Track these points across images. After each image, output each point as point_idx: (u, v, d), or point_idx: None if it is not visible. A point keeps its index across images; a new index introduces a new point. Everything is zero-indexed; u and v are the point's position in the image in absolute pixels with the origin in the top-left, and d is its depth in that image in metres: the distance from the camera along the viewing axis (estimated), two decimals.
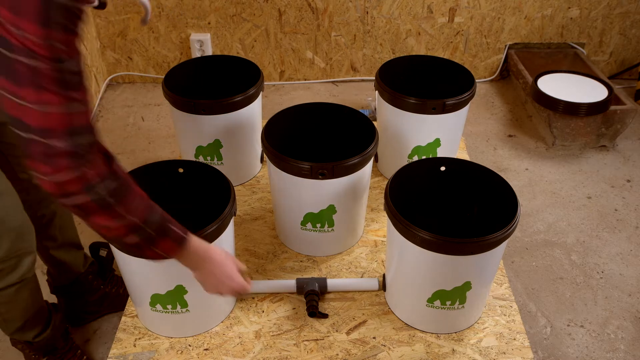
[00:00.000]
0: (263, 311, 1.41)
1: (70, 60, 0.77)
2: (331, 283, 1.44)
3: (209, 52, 2.57)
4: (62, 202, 0.86)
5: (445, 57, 2.27)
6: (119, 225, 0.91)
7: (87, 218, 0.89)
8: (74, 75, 0.78)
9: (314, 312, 1.36)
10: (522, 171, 2.10)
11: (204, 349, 1.32)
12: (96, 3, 0.84)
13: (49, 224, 1.37)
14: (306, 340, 1.34)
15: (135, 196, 0.93)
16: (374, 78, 1.80)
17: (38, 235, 1.35)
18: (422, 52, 2.61)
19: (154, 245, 0.98)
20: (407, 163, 1.40)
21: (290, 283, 1.44)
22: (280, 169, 1.42)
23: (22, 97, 0.74)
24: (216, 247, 1.14)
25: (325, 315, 1.38)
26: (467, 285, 1.26)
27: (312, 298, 1.38)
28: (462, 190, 1.43)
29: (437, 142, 1.72)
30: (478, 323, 1.38)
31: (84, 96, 0.81)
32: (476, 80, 1.77)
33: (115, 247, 1.02)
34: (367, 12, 2.50)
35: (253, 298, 1.44)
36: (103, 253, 1.51)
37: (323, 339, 1.34)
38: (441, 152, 1.75)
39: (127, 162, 2.14)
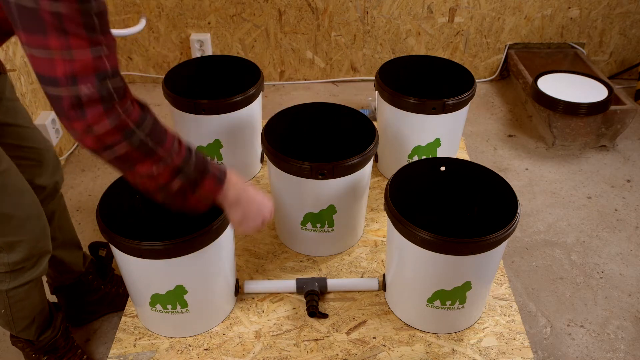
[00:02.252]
0: (263, 311, 1.41)
1: (94, 1, 0.76)
2: (331, 283, 1.44)
3: (209, 52, 2.57)
4: (105, 156, 0.86)
5: (445, 57, 2.27)
6: (163, 169, 0.90)
7: (131, 169, 0.89)
8: (98, 17, 0.77)
9: (314, 312, 1.36)
10: (522, 171, 2.10)
11: (204, 349, 1.32)
12: None
13: (49, 223, 1.37)
14: (306, 340, 1.34)
15: (171, 136, 0.93)
16: (374, 78, 1.80)
17: None
18: (422, 52, 2.61)
19: (198, 186, 0.96)
20: (407, 163, 1.40)
21: (290, 283, 1.44)
22: (280, 169, 1.42)
23: (47, 46, 0.74)
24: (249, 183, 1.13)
25: (325, 315, 1.38)
26: (467, 285, 1.26)
27: (312, 298, 1.39)
28: (462, 190, 1.43)
29: (437, 142, 1.72)
30: (478, 323, 1.38)
31: (110, 40, 0.80)
32: (476, 80, 1.77)
33: (160, 200, 0.98)
34: (367, 12, 2.50)
35: (253, 298, 1.44)
36: (102, 253, 1.51)
37: (323, 339, 1.34)
38: (441, 152, 1.75)
39: None
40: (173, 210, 1.01)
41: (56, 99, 0.79)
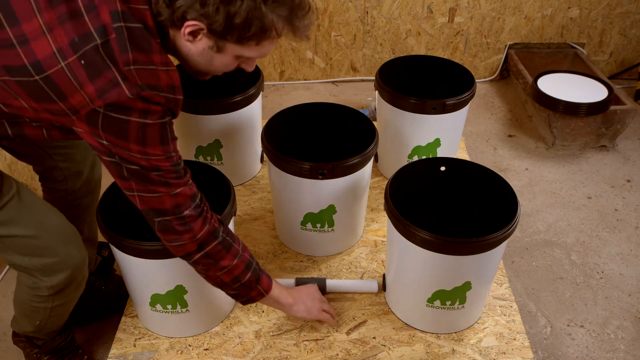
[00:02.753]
0: (263, 311, 1.41)
1: (178, 159, 1.03)
2: (330, 284, 1.44)
3: None
4: (198, 257, 1.09)
5: (445, 57, 2.27)
6: (238, 262, 1.13)
7: (216, 265, 1.10)
8: (183, 169, 1.05)
9: None
10: (522, 171, 2.10)
11: (204, 349, 1.32)
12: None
13: (81, 216, 1.38)
14: (306, 340, 1.34)
15: (236, 237, 1.16)
16: (374, 78, 1.80)
17: None
18: (422, 52, 2.61)
19: (259, 282, 1.18)
20: (407, 163, 1.41)
21: (289, 282, 1.44)
22: (280, 169, 1.42)
23: (156, 191, 1.01)
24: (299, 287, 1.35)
25: None
26: (467, 285, 1.26)
27: None
28: (462, 190, 1.43)
29: (437, 142, 1.72)
30: (478, 323, 1.38)
31: (189, 176, 1.07)
32: (476, 80, 1.77)
33: (230, 292, 1.18)
34: (367, 12, 2.50)
35: None
36: (104, 253, 1.51)
37: (323, 339, 1.34)
38: (441, 152, 1.75)
39: None
40: (240, 302, 1.23)
41: (164, 223, 1.04)
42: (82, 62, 0.88)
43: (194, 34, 0.94)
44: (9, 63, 0.89)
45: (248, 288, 1.17)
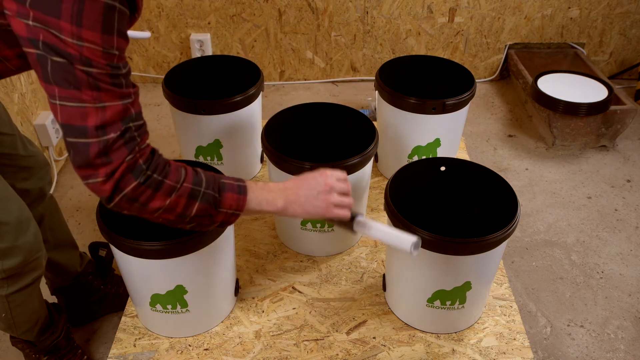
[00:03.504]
0: (263, 311, 1.41)
1: (122, 64, 0.85)
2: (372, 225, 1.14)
3: (209, 52, 2.57)
4: (119, 201, 0.88)
5: (445, 57, 2.27)
6: (175, 199, 0.92)
7: (146, 207, 0.91)
8: (125, 77, 0.86)
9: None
10: (522, 171, 2.10)
11: (204, 349, 1.32)
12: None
13: (39, 226, 1.37)
14: (306, 340, 1.34)
15: (176, 165, 0.95)
16: (374, 78, 1.80)
17: None
18: (422, 52, 2.61)
19: (220, 204, 0.97)
20: (407, 163, 1.40)
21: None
22: (280, 169, 1.42)
23: (81, 100, 0.81)
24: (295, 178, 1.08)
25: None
26: (467, 285, 1.26)
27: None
28: (462, 190, 1.43)
29: (437, 142, 1.72)
30: (478, 323, 1.38)
31: (134, 90, 0.88)
32: (476, 80, 1.77)
33: (189, 227, 0.99)
34: (367, 12, 2.50)
35: (253, 298, 1.44)
36: (102, 253, 1.51)
37: (323, 339, 1.34)
38: (441, 152, 1.75)
39: None
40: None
41: (82, 147, 0.84)
42: None
43: None
44: None
45: (207, 217, 0.97)
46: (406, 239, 1.07)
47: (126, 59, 0.87)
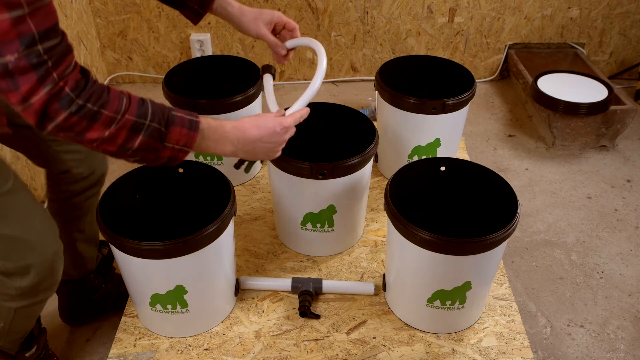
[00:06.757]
0: (263, 311, 1.41)
1: None
2: (326, 284, 1.44)
3: (209, 52, 2.57)
4: (50, 130, 0.81)
5: (445, 57, 2.27)
6: (116, 130, 0.85)
7: (82, 139, 0.84)
8: None
9: (305, 313, 1.36)
10: (522, 171, 2.10)
11: (204, 349, 1.32)
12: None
13: (84, 217, 1.37)
14: (306, 340, 1.34)
15: (116, 94, 0.87)
16: (374, 78, 1.80)
17: (69, 226, 1.34)
18: (422, 52, 2.61)
19: (166, 139, 0.91)
20: (407, 163, 1.40)
21: (286, 282, 1.44)
22: (280, 169, 1.42)
23: None
24: (244, 119, 1.04)
25: (317, 316, 1.38)
26: (467, 285, 1.26)
27: (305, 298, 1.38)
28: (462, 190, 1.43)
29: (437, 142, 1.72)
30: (478, 323, 1.38)
31: (35, 8, 0.74)
32: (476, 80, 1.77)
33: (132, 160, 0.94)
34: (367, 12, 2.50)
35: (253, 298, 1.44)
36: (104, 251, 1.51)
37: (323, 339, 1.34)
38: (441, 152, 1.75)
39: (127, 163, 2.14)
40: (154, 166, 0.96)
41: None
42: None
43: None
44: None
45: (151, 151, 0.91)
46: None
47: None
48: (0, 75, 0.74)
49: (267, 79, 1.36)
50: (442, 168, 1.42)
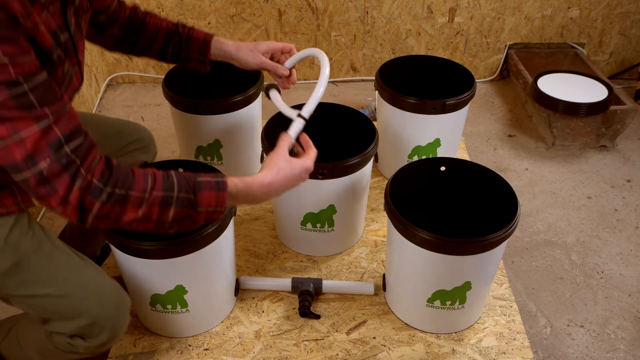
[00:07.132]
0: (263, 311, 1.41)
1: (22, 77, 0.76)
2: (327, 284, 1.44)
3: None
4: (91, 222, 0.86)
5: (445, 57, 2.27)
6: (148, 208, 0.88)
7: (120, 222, 0.88)
8: (33, 92, 0.77)
9: (305, 313, 1.36)
10: (522, 171, 2.10)
11: (204, 349, 1.32)
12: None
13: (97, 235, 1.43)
14: (306, 340, 1.34)
15: (140, 174, 0.90)
16: (374, 78, 1.80)
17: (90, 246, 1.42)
18: (422, 52, 2.61)
19: (197, 205, 0.93)
20: (407, 163, 1.40)
21: (286, 282, 1.44)
22: None
23: None
24: (270, 168, 1.06)
25: (317, 317, 1.38)
26: (467, 285, 1.26)
27: (305, 298, 1.39)
28: (462, 190, 1.43)
29: (437, 142, 1.72)
30: (478, 323, 1.38)
31: (56, 107, 0.80)
32: (476, 80, 1.76)
33: (172, 232, 0.97)
34: (367, 12, 2.50)
35: (253, 298, 1.44)
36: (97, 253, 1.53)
37: (323, 339, 1.34)
38: (441, 152, 1.75)
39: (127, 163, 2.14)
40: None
41: (24, 183, 0.81)
42: None
43: None
44: None
45: (187, 219, 0.94)
46: None
47: (32, 67, 0.77)
48: (39, 183, 0.80)
49: (274, 95, 1.37)
50: (442, 168, 1.42)
